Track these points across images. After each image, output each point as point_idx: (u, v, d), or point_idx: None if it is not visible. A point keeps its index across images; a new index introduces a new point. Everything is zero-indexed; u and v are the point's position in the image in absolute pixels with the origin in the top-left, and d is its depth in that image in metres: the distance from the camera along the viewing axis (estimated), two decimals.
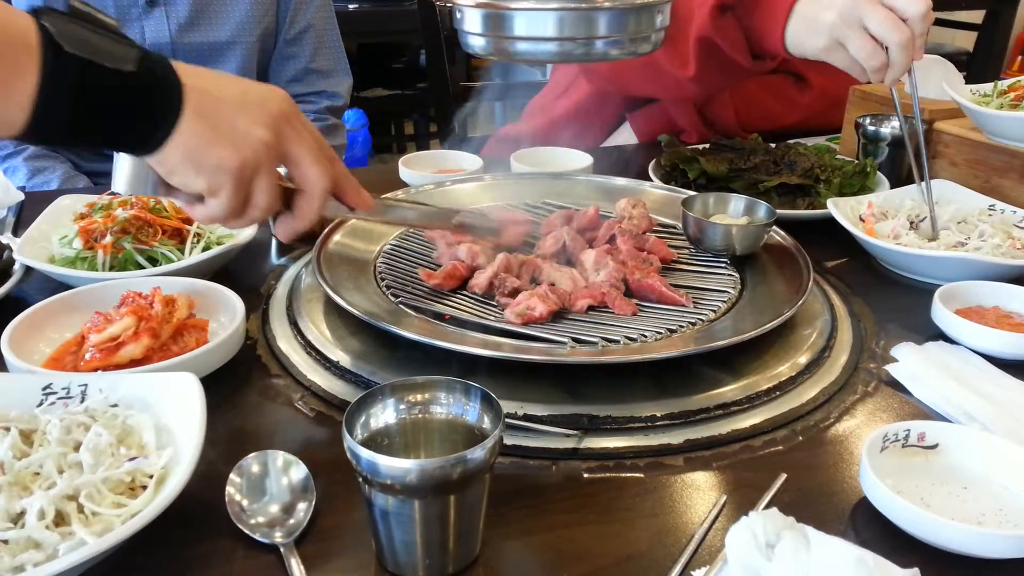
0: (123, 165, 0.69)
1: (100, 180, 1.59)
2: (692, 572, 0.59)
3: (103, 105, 0.61)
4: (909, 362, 0.85)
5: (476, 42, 0.84)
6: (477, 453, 0.55)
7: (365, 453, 0.55)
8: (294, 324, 0.92)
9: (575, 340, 0.82)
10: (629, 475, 0.71)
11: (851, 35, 1.10)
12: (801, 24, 1.19)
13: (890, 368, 0.85)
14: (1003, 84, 1.31)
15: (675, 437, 0.75)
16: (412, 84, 4.02)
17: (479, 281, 0.92)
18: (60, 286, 0.93)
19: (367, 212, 0.83)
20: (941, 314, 0.91)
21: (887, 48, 1.08)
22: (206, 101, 0.65)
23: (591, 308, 0.89)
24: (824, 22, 1.13)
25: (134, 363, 0.78)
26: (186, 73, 0.65)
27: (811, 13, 1.16)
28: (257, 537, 0.61)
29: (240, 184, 0.68)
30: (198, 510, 0.64)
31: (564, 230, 1.02)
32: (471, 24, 0.83)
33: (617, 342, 0.82)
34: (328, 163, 0.74)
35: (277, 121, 0.69)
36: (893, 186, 1.27)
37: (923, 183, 1.14)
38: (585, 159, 1.36)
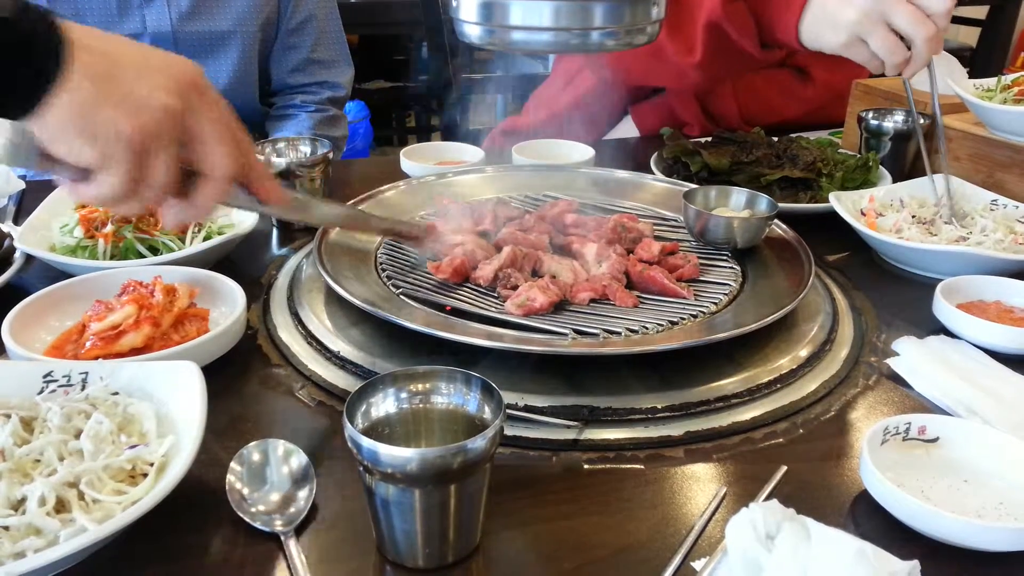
0: (1, 132, 0.60)
1: None
2: (692, 563, 0.59)
3: None
4: (910, 356, 0.85)
5: (471, 31, 0.84)
6: (478, 443, 0.55)
7: (366, 442, 0.55)
8: (295, 314, 0.92)
9: (576, 332, 0.82)
10: (629, 466, 0.71)
11: (874, 31, 1.10)
12: (819, 18, 1.18)
13: (891, 362, 0.85)
14: (1007, 79, 1.31)
15: (676, 429, 0.75)
16: (414, 76, 4.01)
17: (484, 273, 0.91)
18: (61, 275, 0.93)
19: (278, 207, 0.76)
20: (942, 308, 0.91)
21: (907, 43, 1.07)
22: (99, 60, 0.58)
23: (593, 300, 0.89)
24: (845, 19, 1.12)
25: (135, 352, 0.78)
26: (76, 31, 0.59)
27: (830, 8, 1.15)
28: (257, 525, 0.61)
29: (136, 156, 0.60)
30: (199, 498, 0.64)
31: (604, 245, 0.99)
32: (466, 12, 0.83)
33: (618, 334, 0.82)
34: (237, 146, 0.66)
35: (183, 89, 0.61)
36: (895, 180, 1.26)
37: (934, 175, 1.14)
38: (587, 152, 1.35)
